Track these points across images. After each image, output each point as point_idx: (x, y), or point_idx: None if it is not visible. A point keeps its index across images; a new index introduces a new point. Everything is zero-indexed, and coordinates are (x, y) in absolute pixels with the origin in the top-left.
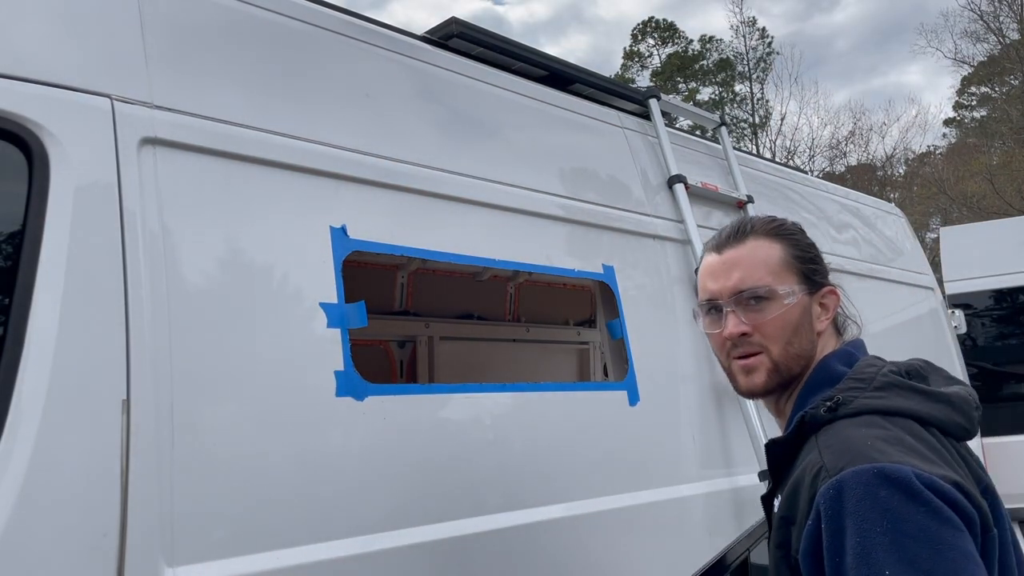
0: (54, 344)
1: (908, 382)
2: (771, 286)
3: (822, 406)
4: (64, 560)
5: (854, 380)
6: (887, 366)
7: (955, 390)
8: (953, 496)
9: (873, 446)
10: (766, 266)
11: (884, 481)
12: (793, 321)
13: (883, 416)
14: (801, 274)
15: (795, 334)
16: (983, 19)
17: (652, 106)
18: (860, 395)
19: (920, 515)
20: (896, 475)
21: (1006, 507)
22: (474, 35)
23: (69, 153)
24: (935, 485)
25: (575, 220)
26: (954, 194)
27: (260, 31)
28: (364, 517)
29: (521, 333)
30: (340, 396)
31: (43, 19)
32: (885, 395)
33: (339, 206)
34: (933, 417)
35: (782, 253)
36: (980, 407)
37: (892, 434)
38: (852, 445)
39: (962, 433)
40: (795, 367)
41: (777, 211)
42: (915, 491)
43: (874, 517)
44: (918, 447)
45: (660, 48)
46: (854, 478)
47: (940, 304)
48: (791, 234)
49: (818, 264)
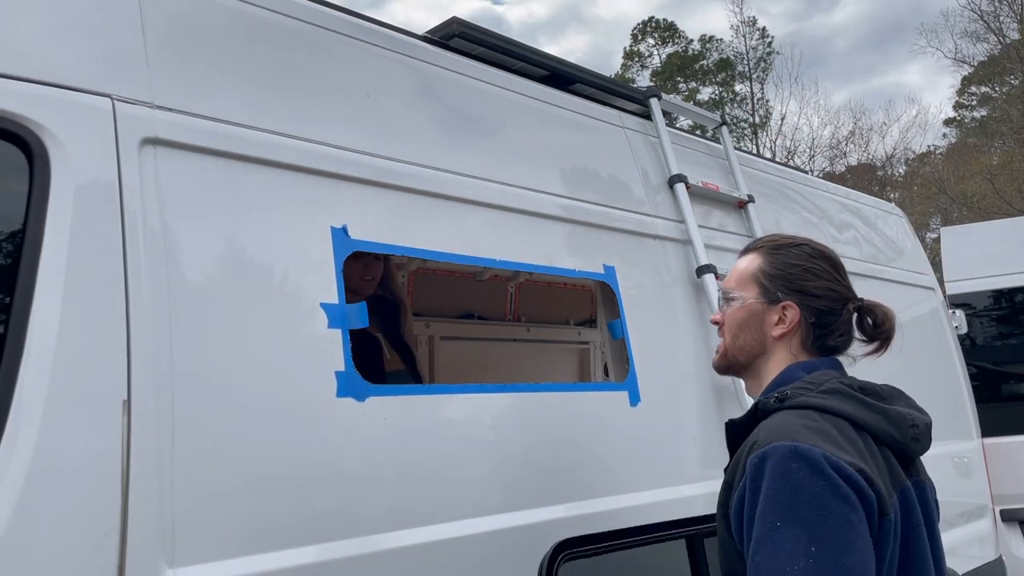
0: (55, 344)
1: (852, 392)
2: (732, 291)
3: (772, 398)
4: (65, 560)
5: (806, 383)
6: (841, 378)
7: (898, 408)
8: (855, 479)
9: (798, 431)
10: (739, 276)
11: (796, 456)
12: (740, 320)
13: (820, 412)
14: (761, 286)
15: (740, 330)
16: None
17: (653, 106)
18: (806, 394)
19: (818, 486)
20: (807, 453)
21: (1005, 507)
22: (475, 35)
23: (70, 153)
24: (838, 466)
25: (576, 220)
26: (954, 194)
27: (261, 31)
28: (365, 518)
29: (521, 333)
30: (341, 396)
31: (44, 19)
32: (828, 397)
33: (340, 206)
34: (865, 422)
35: (755, 267)
36: (921, 428)
37: (819, 425)
38: (783, 428)
39: (893, 443)
40: (740, 357)
41: (778, 211)
42: (819, 468)
43: (781, 483)
44: (838, 438)
45: (660, 48)
46: (774, 451)
47: (941, 304)
48: (780, 251)
49: (788, 281)
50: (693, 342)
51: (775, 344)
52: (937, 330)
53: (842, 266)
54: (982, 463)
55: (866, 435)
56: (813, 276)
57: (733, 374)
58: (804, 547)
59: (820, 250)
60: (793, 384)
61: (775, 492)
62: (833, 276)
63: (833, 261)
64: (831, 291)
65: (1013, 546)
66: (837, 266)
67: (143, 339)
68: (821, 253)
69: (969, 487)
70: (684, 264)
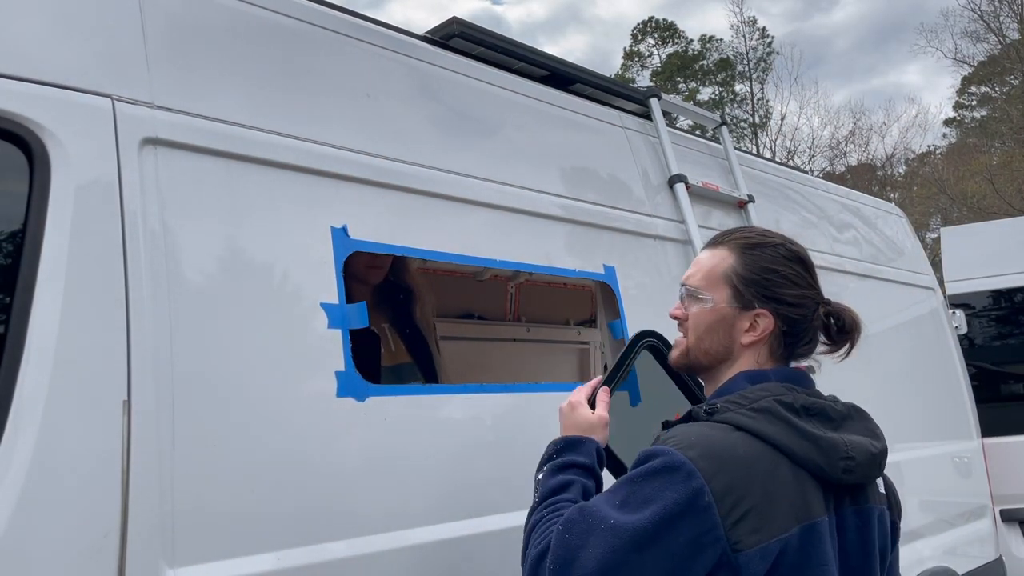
0: (55, 345)
1: (783, 414)
2: (700, 290)
3: (703, 408)
4: (65, 561)
5: (740, 397)
6: (782, 396)
7: (834, 436)
8: (703, 502)
9: (690, 442)
10: (708, 273)
11: (663, 457)
12: (707, 323)
13: (737, 430)
14: (734, 289)
15: (707, 334)
16: (983, 19)
17: (653, 106)
18: (735, 410)
19: (659, 481)
20: (673, 459)
21: (1005, 507)
22: (475, 35)
23: (70, 153)
24: (700, 488)
25: (576, 220)
26: (954, 194)
27: (261, 31)
28: (365, 518)
29: (521, 333)
30: (341, 396)
31: (44, 19)
32: (755, 416)
33: (340, 206)
34: (786, 447)
35: (727, 267)
36: (858, 459)
37: (724, 444)
38: (684, 435)
39: (818, 471)
40: (703, 359)
41: (778, 211)
42: (672, 469)
43: (637, 470)
44: (728, 462)
45: (660, 48)
46: (652, 449)
47: (941, 304)
48: (754, 251)
49: (764, 287)
50: None
51: (742, 351)
52: (937, 330)
53: (813, 266)
54: (982, 463)
55: (785, 460)
56: (790, 283)
57: (693, 373)
58: (614, 512)
59: (796, 252)
60: (729, 396)
61: (629, 477)
62: (808, 281)
63: (807, 264)
64: (806, 298)
65: (1013, 546)
66: (810, 268)
67: (143, 339)
68: (796, 255)
69: (969, 487)
70: (684, 264)
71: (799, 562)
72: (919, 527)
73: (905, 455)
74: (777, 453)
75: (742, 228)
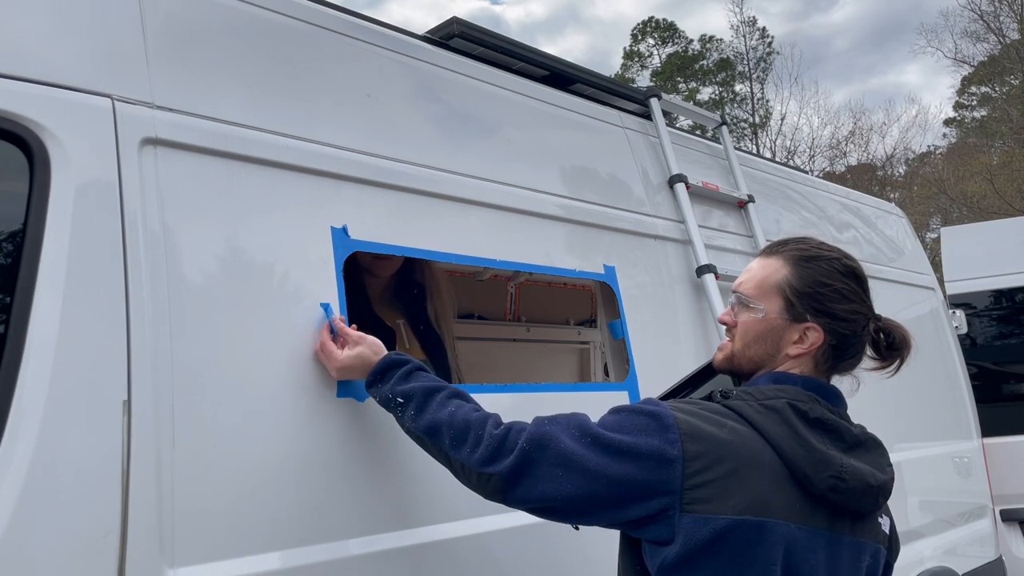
0: (55, 345)
1: (789, 416)
2: (752, 299)
3: (720, 390)
4: (65, 561)
5: (756, 391)
6: (800, 402)
7: (831, 453)
8: (671, 453)
9: (685, 409)
10: (761, 282)
11: (654, 407)
12: (757, 332)
13: (737, 415)
14: (787, 300)
15: (755, 342)
16: (983, 19)
17: (653, 106)
18: (747, 400)
19: (641, 420)
20: (661, 411)
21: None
22: (475, 35)
23: (70, 153)
24: (671, 429)
25: (576, 220)
26: (954, 194)
27: (261, 31)
28: (365, 518)
29: (521, 333)
30: (341, 397)
31: (44, 19)
32: (761, 411)
33: (340, 206)
34: (778, 446)
35: (780, 278)
36: (849, 483)
37: (716, 420)
38: (686, 403)
39: (803, 480)
40: (746, 366)
41: (778, 211)
42: (656, 417)
43: (627, 405)
44: (709, 436)
45: (660, 48)
46: (649, 399)
47: (941, 304)
48: (809, 264)
49: (817, 301)
50: (693, 342)
51: (786, 360)
52: (937, 330)
53: (867, 281)
54: (982, 463)
55: (776, 458)
56: (842, 299)
57: (733, 375)
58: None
59: (851, 267)
60: (747, 388)
61: (620, 407)
62: (861, 297)
63: (861, 279)
64: (858, 314)
65: (1013, 546)
66: (864, 284)
67: (143, 339)
68: (852, 271)
69: (969, 487)
70: (684, 264)
71: (743, 551)
72: (919, 527)
73: (905, 455)
74: (768, 448)
75: (798, 239)
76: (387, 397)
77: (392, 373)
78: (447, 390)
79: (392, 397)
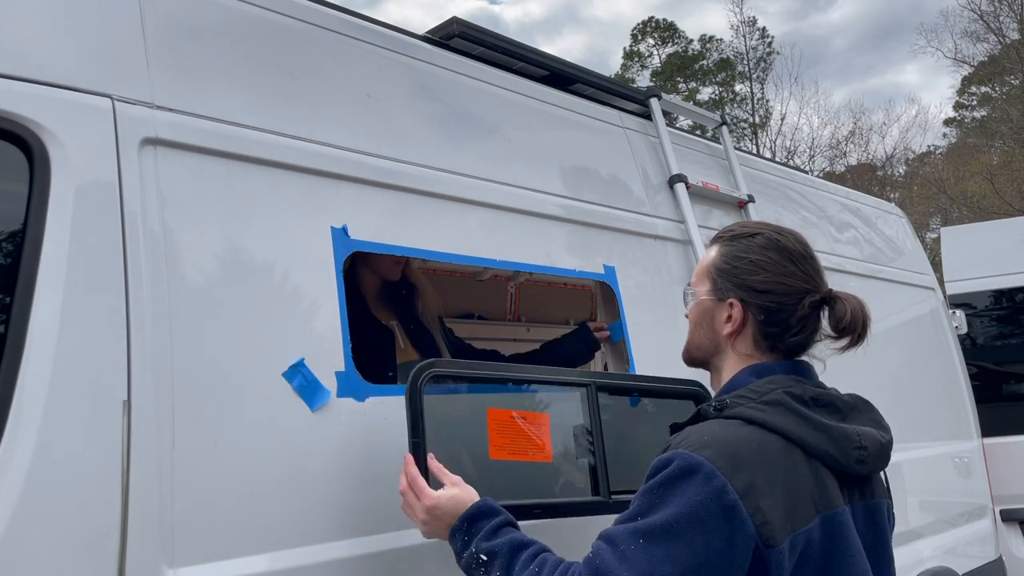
0: (55, 345)
1: (794, 405)
2: (692, 286)
3: (712, 405)
4: (64, 561)
5: (749, 391)
6: (791, 387)
7: (846, 427)
8: (729, 500)
9: (703, 441)
10: (698, 269)
11: (678, 460)
12: (695, 317)
13: (749, 424)
14: (713, 281)
15: (696, 328)
16: (983, 19)
17: (653, 106)
18: (745, 404)
19: (678, 486)
20: (690, 461)
21: (1005, 507)
22: (475, 35)
23: (70, 153)
24: (723, 487)
25: (576, 220)
26: (954, 194)
27: (261, 31)
28: (365, 518)
29: (521, 333)
30: (341, 397)
31: (43, 19)
32: (766, 410)
33: (340, 206)
34: (799, 438)
35: (709, 261)
36: (870, 450)
37: (739, 440)
38: (696, 435)
39: (831, 462)
40: (696, 353)
41: (778, 211)
42: (691, 472)
43: (653, 481)
44: (745, 458)
45: (660, 48)
46: (665, 455)
47: (941, 304)
48: (733, 243)
49: (734, 276)
50: None
51: (727, 342)
52: (937, 330)
53: (803, 255)
54: (982, 463)
55: (798, 450)
56: (759, 270)
57: (700, 367)
58: (643, 537)
59: (774, 240)
60: (737, 391)
61: (648, 489)
62: (784, 269)
63: (788, 251)
64: (780, 285)
65: (1013, 546)
66: (795, 256)
67: (143, 339)
68: (774, 243)
69: (969, 487)
70: (684, 264)
71: (825, 554)
72: (919, 527)
73: (905, 455)
74: (791, 445)
75: (738, 223)
76: (471, 551)
77: (482, 524)
78: (534, 547)
79: (476, 553)
